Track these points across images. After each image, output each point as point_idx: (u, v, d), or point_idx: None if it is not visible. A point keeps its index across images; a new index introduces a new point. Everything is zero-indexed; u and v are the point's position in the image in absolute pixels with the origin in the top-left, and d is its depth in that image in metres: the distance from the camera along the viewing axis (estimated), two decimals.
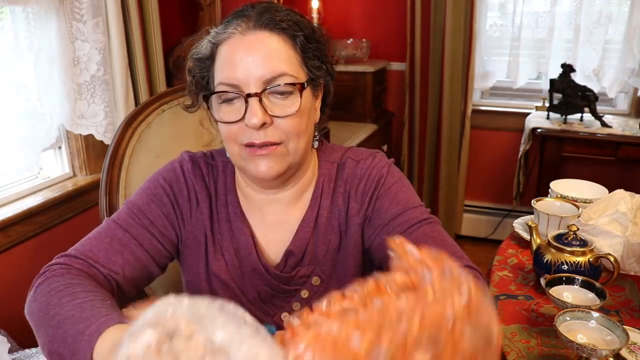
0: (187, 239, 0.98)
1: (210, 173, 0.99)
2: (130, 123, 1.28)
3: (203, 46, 0.89)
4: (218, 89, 0.86)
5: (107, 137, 1.97)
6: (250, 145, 0.85)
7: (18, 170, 1.85)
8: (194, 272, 0.98)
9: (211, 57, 0.88)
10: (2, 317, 1.69)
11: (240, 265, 0.96)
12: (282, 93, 0.84)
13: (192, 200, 0.97)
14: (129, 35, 2.04)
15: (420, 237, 0.87)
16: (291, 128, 0.85)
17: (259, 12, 0.85)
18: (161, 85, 2.23)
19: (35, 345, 1.07)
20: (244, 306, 0.94)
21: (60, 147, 2.00)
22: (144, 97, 2.10)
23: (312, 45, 0.87)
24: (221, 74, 0.85)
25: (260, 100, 0.83)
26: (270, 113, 0.83)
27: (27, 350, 1.06)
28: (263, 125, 0.83)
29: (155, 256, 0.94)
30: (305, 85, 0.86)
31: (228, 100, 0.85)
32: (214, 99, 0.88)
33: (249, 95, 0.83)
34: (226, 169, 0.99)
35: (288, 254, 0.95)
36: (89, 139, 2.00)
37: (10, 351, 1.09)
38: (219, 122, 0.88)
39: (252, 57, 0.83)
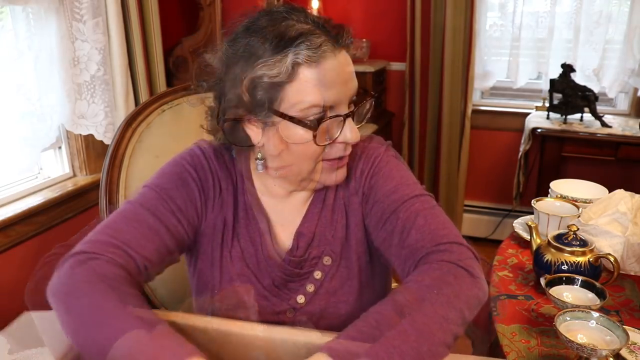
0: (207, 227, 0.97)
1: (230, 161, 0.99)
2: (130, 123, 1.28)
3: (284, 68, 0.82)
4: (311, 111, 0.84)
5: (107, 137, 1.97)
6: (333, 159, 0.90)
7: (18, 170, 1.85)
8: (208, 259, 0.98)
9: (288, 79, 0.84)
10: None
11: (256, 253, 0.97)
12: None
13: (216, 186, 0.97)
14: (129, 35, 2.04)
15: (411, 215, 0.88)
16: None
17: (336, 33, 0.86)
18: (161, 85, 2.23)
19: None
20: (258, 293, 0.96)
21: (60, 147, 2.01)
22: (144, 97, 2.11)
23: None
24: (313, 96, 0.83)
25: (353, 118, 0.89)
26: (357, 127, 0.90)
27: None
28: None
29: (180, 243, 0.93)
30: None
31: (323, 123, 0.87)
32: (301, 122, 0.86)
33: (347, 116, 0.87)
34: (241, 159, 0.99)
35: (299, 235, 0.97)
36: (89, 139, 2.00)
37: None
38: (305, 144, 0.86)
39: (345, 78, 0.87)
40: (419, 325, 0.71)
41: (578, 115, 2.72)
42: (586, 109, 2.69)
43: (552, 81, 2.70)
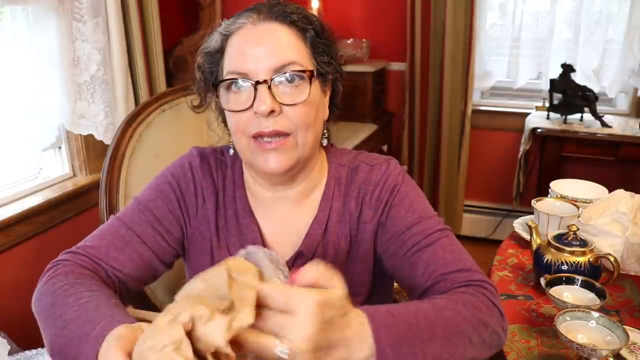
0: (193, 236, 0.97)
1: (219, 168, 0.99)
2: (130, 123, 1.28)
3: (213, 39, 0.90)
4: (227, 77, 0.86)
5: (107, 137, 1.97)
6: (259, 136, 0.85)
7: (18, 170, 1.85)
8: (198, 269, 0.97)
9: (221, 50, 0.89)
10: (2, 318, 1.69)
11: None
12: (291, 81, 0.84)
13: (199, 196, 0.97)
14: (129, 35, 2.04)
15: (439, 248, 0.87)
16: (300, 118, 0.85)
17: (269, 5, 0.87)
18: (161, 85, 2.23)
19: (35, 347, 1.07)
20: None
21: (60, 147, 2.00)
22: (144, 97, 2.11)
23: (321, 40, 0.89)
24: (231, 64, 0.86)
25: (270, 88, 0.83)
26: (280, 101, 0.83)
27: (27, 352, 1.05)
28: (272, 113, 0.83)
29: (159, 253, 0.94)
30: (315, 73, 0.86)
31: (237, 90, 0.85)
32: (222, 89, 0.88)
33: (257, 83, 0.82)
34: (234, 166, 0.99)
35: (298, 255, 0.95)
36: (89, 139, 2.00)
37: (10, 353, 1.08)
38: (227, 113, 0.88)
39: (263, 47, 0.83)
40: (449, 333, 0.72)
41: (578, 115, 2.72)
42: (586, 109, 2.69)
43: (552, 81, 2.70)
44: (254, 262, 0.65)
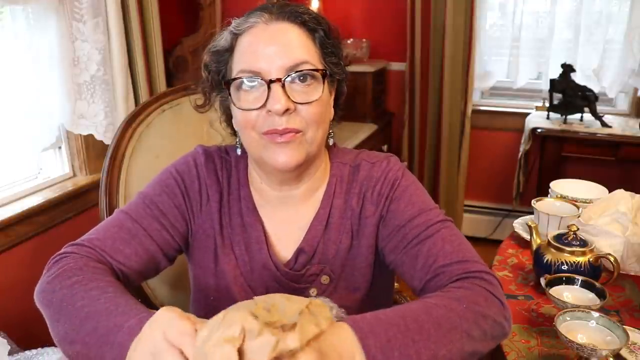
0: (197, 232, 0.98)
1: (224, 167, 0.99)
2: (130, 123, 1.28)
3: (222, 38, 0.90)
4: (239, 76, 0.86)
5: (107, 137, 1.97)
6: (270, 133, 0.85)
7: (18, 170, 1.85)
8: (202, 266, 0.99)
9: (230, 49, 0.89)
10: (2, 318, 1.69)
11: (250, 261, 0.96)
12: (303, 80, 0.85)
13: (203, 193, 0.97)
14: (129, 35, 2.04)
15: (438, 239, 0.87)
16: (313, 116, 0.86)
17: (280, 5, 0.88)
18: (161, 85, 2.23)
19: (35, 347, 1.07)
20: None
21: (60, 147, 2.00)
22: (144, 97, 2.10)
23: (330, 41, 0.90)
24: (242, 63, 0.86)
25: (283, 86, 0.83)
26: (293, 100, 0.84)
27: (27, 352, 1.05)
28: (286, 111, 0.83)
29: (163, 247, 0.94)
30: (327, 73, 0.88)
31: (248, 89, 0.86)
32: (232, 88, 0.88)
33: (271, 81, 0.83)
34: (239, 164, 0.99)
35: (299, 251, 0.95)
36: (89, 139, 2.00)
37: (10, 353, 1.08)
38: (236, 110, 0.88)
39: (275, 46, 0.84)
40: (443, 330, 0.72)
41: (578, 115, 2.72)
42: (586, 109, 2.69)
43: (552, 81, 2.70)
44: None
